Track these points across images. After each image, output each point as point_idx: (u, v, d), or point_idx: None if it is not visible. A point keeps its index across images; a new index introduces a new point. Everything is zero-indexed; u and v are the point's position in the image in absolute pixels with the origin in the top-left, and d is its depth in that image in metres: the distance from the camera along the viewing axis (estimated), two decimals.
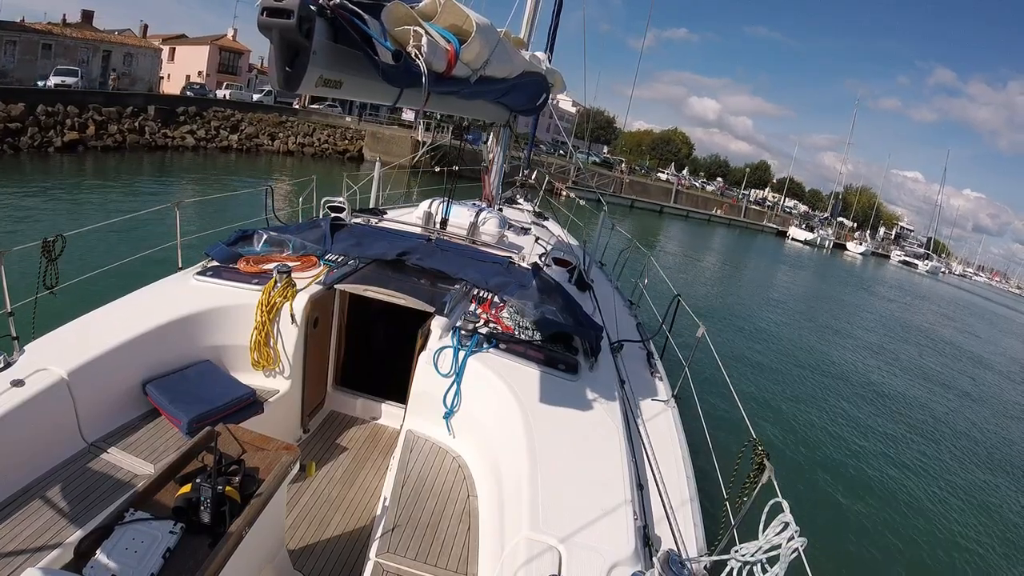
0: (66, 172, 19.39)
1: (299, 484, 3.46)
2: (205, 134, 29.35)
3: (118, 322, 3.25)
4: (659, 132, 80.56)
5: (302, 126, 35.43)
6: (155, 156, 25.19)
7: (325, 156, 35.11)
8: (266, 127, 33.35)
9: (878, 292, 34.38)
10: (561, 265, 5.69)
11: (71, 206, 14.42)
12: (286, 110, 36.30)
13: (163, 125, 27.14)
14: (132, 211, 4.32)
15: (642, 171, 61.74)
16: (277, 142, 33.24)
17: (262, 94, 39.96)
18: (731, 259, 32.64)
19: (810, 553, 1.88)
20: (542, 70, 4.38)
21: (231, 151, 30.28)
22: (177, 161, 25.45)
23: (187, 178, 22.53)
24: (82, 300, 3.70)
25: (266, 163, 30.33)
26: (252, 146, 31.71)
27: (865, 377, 13.89)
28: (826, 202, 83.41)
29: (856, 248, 64.57)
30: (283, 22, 1.51)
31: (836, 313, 23.13)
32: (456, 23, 2.40)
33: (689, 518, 2.76)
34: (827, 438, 9.39)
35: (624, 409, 3.36)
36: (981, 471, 9.86)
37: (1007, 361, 23.32)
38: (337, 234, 4.71)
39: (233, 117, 31.70)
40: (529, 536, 2.23)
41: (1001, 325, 37.77)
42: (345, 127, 37.60)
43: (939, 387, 15.10)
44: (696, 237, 40.74)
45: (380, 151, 34.55)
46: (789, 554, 1.81)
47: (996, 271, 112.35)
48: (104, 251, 8.23)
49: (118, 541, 1.72)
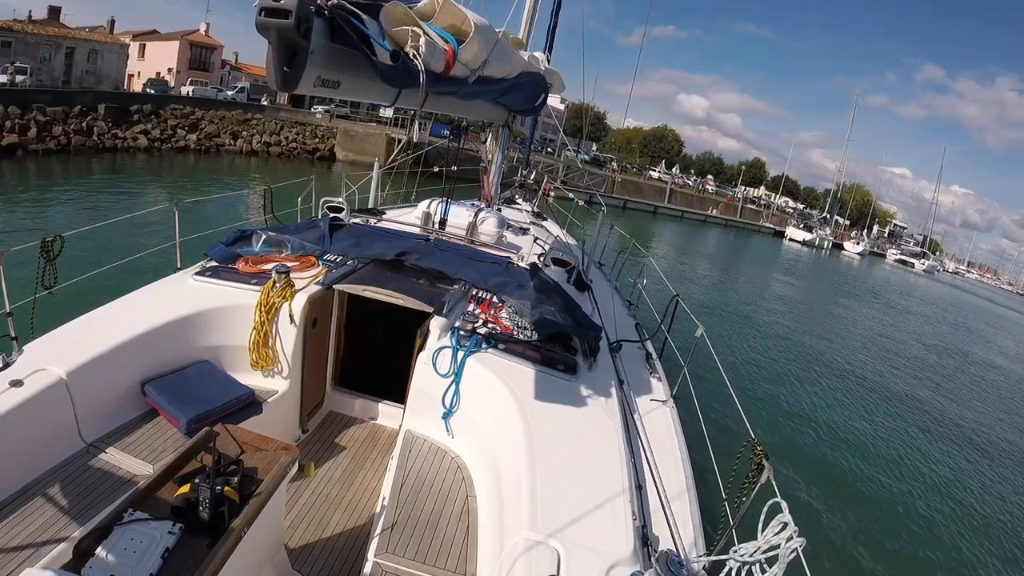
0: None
1: (298, 484, 3.46)
2: (160, 134, 26.82)
3: (117, 322, 3.25)
4: (650, 129, 78.51)
5: (268, 124, 32.69)
6: (103, 159, 22.75)
7: (293, 156, 32.43)
8: (228, 125, 30.62)
9: (880, 296, 33.95)
10: (560, 265, 5.69)
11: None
12: (252, 107, 33.72)
13: (114, 125, 24.75)
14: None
15: (634, 169, 60.37)
16: (240, 141, 30.52)
17: (235, 91, 38.06)
18: (728, 263, 31.86)
19: (809, 553, 1.88)
20: (541, 70, 4.39)
21: (188, 152, 27.69)
22: (128, 164, 23.10)
23: (132, 184, 19.83)
24: (81, 300, 3.70)
25: (228, 165, 27.90)
26: (212, 146, 29.13)
27: (866, 378, 13.89)
28: (822, 200, 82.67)
29: (854, 248, 64.14)
30: (281, 22, 1.51)
31: (837, 315, 23.14)
32: (454, 23, 2.40)
33: (688, 518, 2.76)
34: (827, 438, 9.39)
35: (623, 409, 3.36)
36: (982, 472, 9.87)
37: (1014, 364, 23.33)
38: (336, 234, 4.71)
39: (193, 115, 29.11)
40: (528, 536, 2.24)
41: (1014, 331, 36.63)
42: (315, 124, 34.68)
43: (941, 389, 15.12)
44: (691, 239, 39.93)
45: (352, 150, 33.22)
46: (788, 554, 1.81)
47: (987, 268, 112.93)
48: (103, 251, 8.22)
49: (117, 541, 1.72)
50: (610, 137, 73.62)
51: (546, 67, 4.85)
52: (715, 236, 46.27)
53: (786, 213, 68.40)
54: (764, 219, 61.80)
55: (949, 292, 53.47)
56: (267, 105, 35.37)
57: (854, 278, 41.18)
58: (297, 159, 32.39)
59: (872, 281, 41.85)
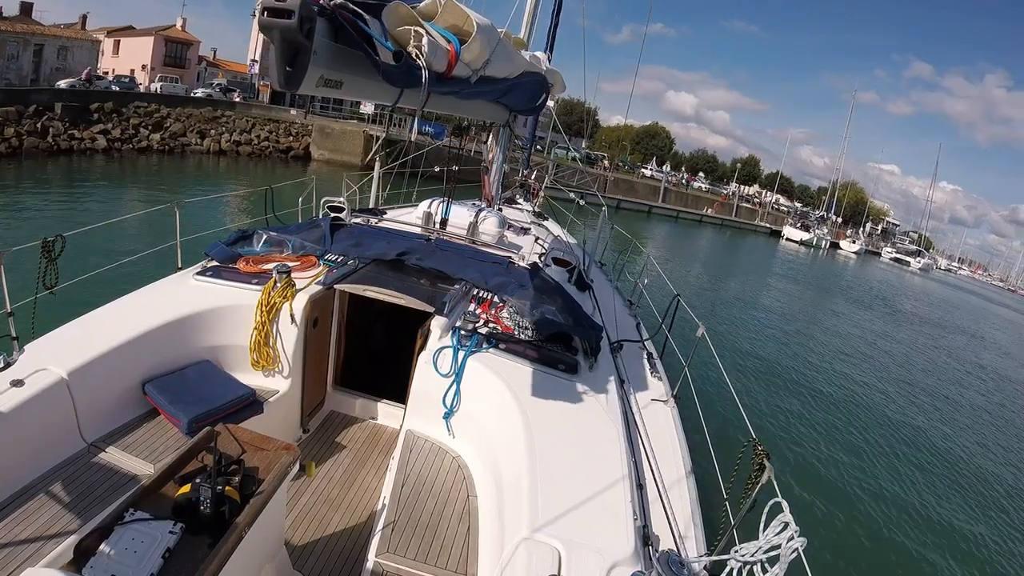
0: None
1: (299, 484, 3.46)
2: (121, 133, 24.81)
3: (118, 322, 3.25)
4: (640, 127, 75.75)
5: (239, 121, 30.48)
6: (59, 162, 20.74)
7: (265, 155, 30.22)
8: (196, 123, 28.50)
9: (879, 296, 33.75)
10: (561, 265, 5.69)
11: None
12: (222, 103, 31.93)
13: (71, 125, 22.93)
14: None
15: (626, 167, 58.57)
16: (208, 140, 28.41)
17: (211, 88, 36.51)
18: (725, 264, 31.20)
19: (810, 553, 1.89)
20: (542, 70, 4.38)
21: (151, 152, 25.60)
22: (84, 168, 20.96)
23: (83, 190, 17.52)
24: (82, 300, 3.70)
25: (194, 166, 25.87)
26: (177, 146, 27.01)
27: (867, 380, 13.89)
28: (816, 197, 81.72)
29: (850, 247, 63.67)
30: (284, 22, 1.51)
31: (838, 316, 23.14)
32: (456, 23, 2.40)
33: (689, 518, 2.76)
34: (828, 438, 9.39)
35: (624, 409, 3.36)
36: (983, 471, 9.87)
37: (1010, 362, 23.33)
38: (337, 234, 4.71)
39: (157, 113, 27.12)
40: (529, 536, 2.23)
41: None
42: (289, 122, 32.51)
43: (942, 389, 15.11)
44: (686, 240, 39.16)
45: (329, 148, 31.71)
46: (789, 554, 1.81)
47: (978, 264, 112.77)
48: (104, 251, 8.22)
49: (118, 541, 1.72)
50: (600, 134, 71.54)
51: (547, 67, 4.85)
52: (710, 236, 45.43)
53: (780, 212, 67.28)
54: (760, 219, 60.86)
55: (947, 291, 53.20)
56: (238, 101, 33.51)
57: (853, 278, 41.00)
58: (269, 159, 30.27)
59: (871, 282, 41.65)
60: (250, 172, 26.69)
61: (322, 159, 31.82)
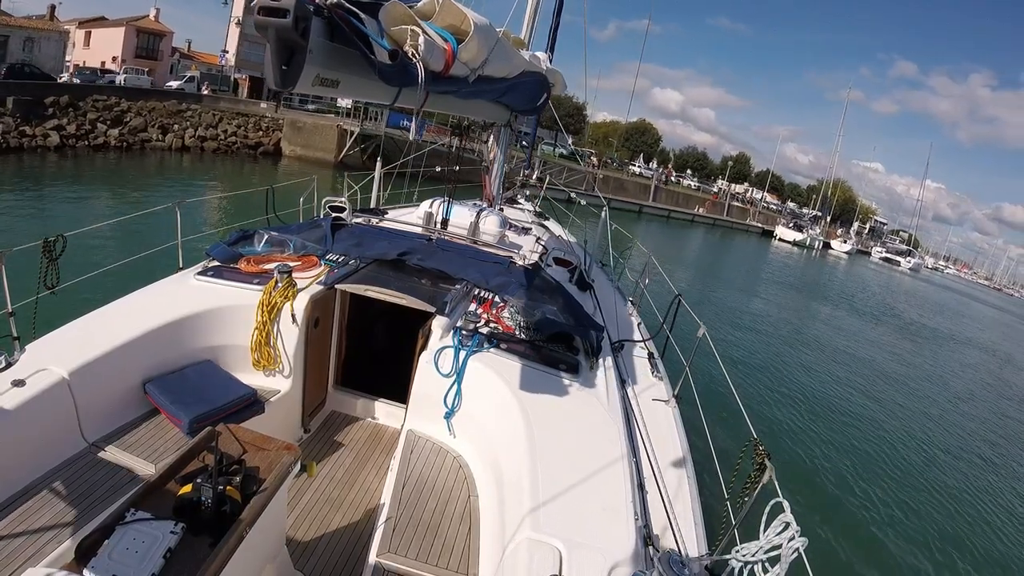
0: None
1: (300, 484, 3.47)
2: (76, 130, 22.94)
3: (119, 322, 3.25)
4: (627, 123, 72.96)
5: (205, 115, 28.36)
6: (8, 161, 19.01)
7: (232, 152, 28.03)
8: (158, 118, 26.48)
9: (877, 297, 33.62)
10: (562, 265, 5.69)
11: None
12: (188, 96, 29.79)
13: (23, 120, 21.05)
14: (125, 214, 4.07)
15: (614, 164, 57.20)
16: (170, 136, 26.47)
17: (183, 80, 34.72)
18: (719, 266, 30.46)
19: (811, 553, 1.88)
20: (542, 70, 4.38)
21: (108, 150, 23.64)
22: (35, 167, 19.13)
23: (30, 194, 15.48)
24: (83, 300, 3.71)
25: (155, 163, 23.99)
26: (136, 142, 24.91)
27: (868, 379, 13.86)
28: (805, 195, 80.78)
29: (841, 247, 63.25)
30: (279, 21, 1.51)
31: (839, 317, 23.08)
32: (454, 23, 2.40)
33: (690, 518, 2.76)
34: (829, 438, 9.37)
35: (625, 409, 3.36)
36: (983, 471, 9.84)
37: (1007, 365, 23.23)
38: (338, 234, 4.71)
39: (118, 107, 25.09)
40: (530, 536, 2.23)
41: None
42: (259, 116, 30.42)
43: (942, 389, 15.06)
44: (677, 240, 38.12)
45: (300, 143, 29.85)
46: (790, 554, 1.81)
47: (963, 263, 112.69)
48: (105, 251, 8.24)
49: (119, 541, 1.72)
50: (587, 130, 68.93)
51: (548, 67, 4.84)
52: (702, 237, 44.53)
53: (770, 211, 66.38)
54: (752, 218, 60.01)
55: (937, 292, 52.54)
56: (206, 95, 31.38)
57: (848, 279, 40.53)
58: (236, 155, 27.99)
59: (866, 282, 41.39)
60: (215, 170, 25.04)
61: (294, 155, 29.80)
